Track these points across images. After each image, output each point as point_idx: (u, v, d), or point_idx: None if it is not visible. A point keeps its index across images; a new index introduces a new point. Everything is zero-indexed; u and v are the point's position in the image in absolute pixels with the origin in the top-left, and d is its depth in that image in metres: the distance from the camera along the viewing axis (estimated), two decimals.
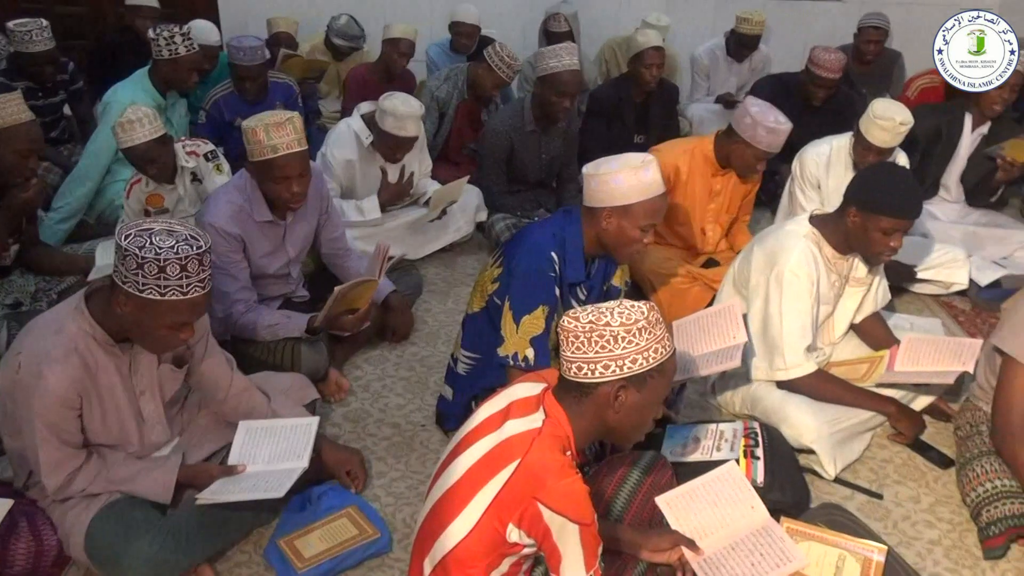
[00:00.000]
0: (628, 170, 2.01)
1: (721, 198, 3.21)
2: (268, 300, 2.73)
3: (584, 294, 2.24)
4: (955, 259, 3.37)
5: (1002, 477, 2.12)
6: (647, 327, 1.43)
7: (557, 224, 2.15)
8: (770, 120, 2.88)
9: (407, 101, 3.27)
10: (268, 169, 2.40)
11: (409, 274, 3.28)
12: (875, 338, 2.61)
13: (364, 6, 5.30)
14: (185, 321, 1.75)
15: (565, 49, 3.46)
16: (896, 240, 2.25)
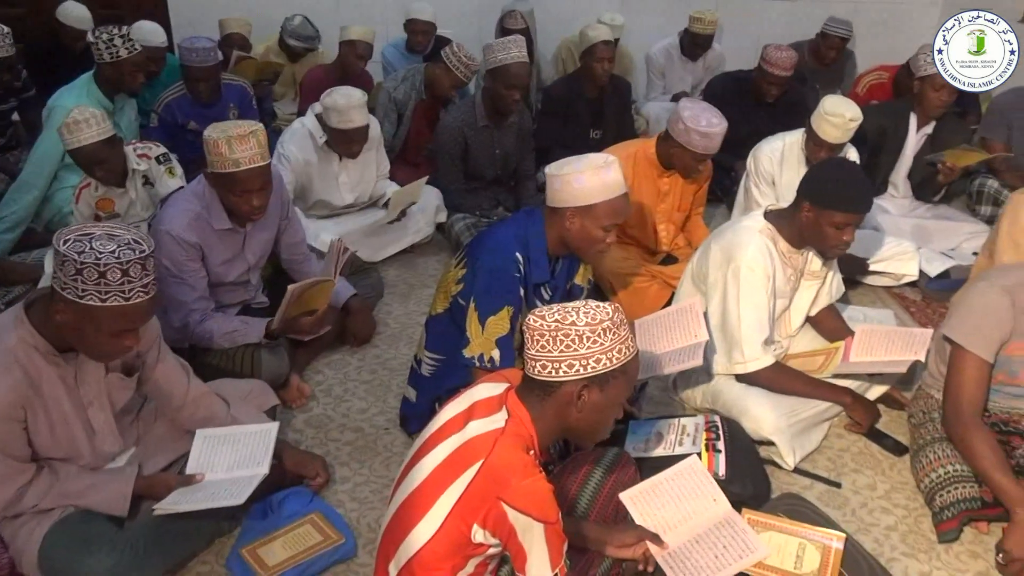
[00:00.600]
0: (591, 170, 2.02)
1: (671, 198, 3.25)
2: (226, 307, 2.68)
3: (548, 294, 2.25)
4: (905, 251, 3.46)
5: (954, 462, 2.17)
6: (612, 327, 1.44)
7: (520, 224, 2.16)
8: (702, 124, 2.89)
9: (348, 93, 3.24)
10: (229, 182, 2.35)
11: (369, 276, 3.25)
12: (830, 330, 2.66)
13: (318, 7, 5.25)
14: (128, 328, 1.70)
15: (513, 41, 3.47)
16: (848, 234, 2.30)
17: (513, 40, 3.48)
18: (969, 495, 2.12)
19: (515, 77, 3.46)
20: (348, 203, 3.64)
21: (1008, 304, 2.11)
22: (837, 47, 4.99)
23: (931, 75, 3.51)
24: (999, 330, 2.12)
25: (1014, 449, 2.25)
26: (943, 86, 3.49)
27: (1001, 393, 2.30)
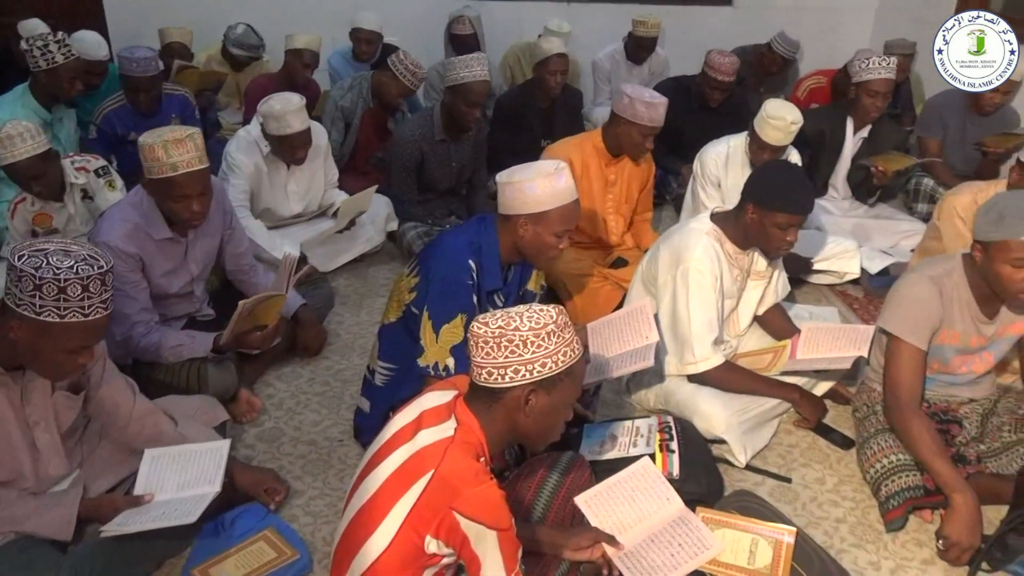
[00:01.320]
0: (542, 178, 2.04)
1: (617, 188, 3.31)
2: (171, 320, 2.63)
3: (502, 300, 2.25)
4: (847, 250, 3.55)
5: (897, 452, 2.25)
6: (556, 331, 1.44)
7: (472, 232, 2.16)
8: (646, 96, 3.07)
9: (284, 99, 3.21)
10: (167, 188, 2.30)
11: (319, 287, 3.22)
12: (777, 328, 2.72)
13: (261, 15, 5.16)
14: (85, 344, 1.67)
15: (475, 59, 3.48)
16: (792, 234, 2.35)
17: (475, 58, 3.48)
18: (912, 483, 2.18)
19: (476, 95, 3.47)
20: (296, 213, 3.60)
21: (936, 293, 2.20)
22: (782, 65, 5.15)
23: (866, 81, 3.62)
24: (929, 319, 2.21)
25: (953, 437, 2.34)
26: (877, 92, 3.62)
27: (937, 382, 2.39)
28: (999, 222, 2.04)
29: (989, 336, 2.28)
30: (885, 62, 3.61)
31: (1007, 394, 2.44)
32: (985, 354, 2.34)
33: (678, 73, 4.81)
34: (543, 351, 1.43)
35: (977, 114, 4.07)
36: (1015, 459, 2.24)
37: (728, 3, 5.85)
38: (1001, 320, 2.26)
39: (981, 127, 4.07)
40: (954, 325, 2.24)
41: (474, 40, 4.79)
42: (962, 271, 2.22)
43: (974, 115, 4.09)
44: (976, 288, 2.20)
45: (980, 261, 2.12)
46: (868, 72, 3.61)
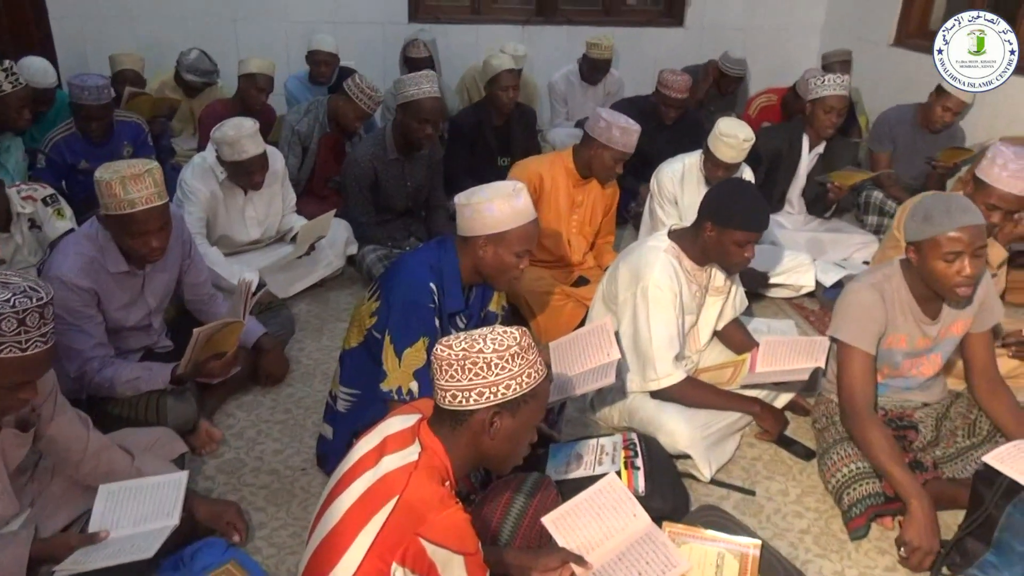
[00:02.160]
0: (501, 198, 2.05)
1: (583, 209, 3.34)
2: (128, 353, 2.57)
3: (463, 322, 2.25)
4: (802, 264, 3.63)
5: (856, 460, 2.29)
6: (519, 352, 1.44)
7: (433, 254, 2.15)
8: (622, 121, 3.11)
9: (237, 124, 3.18)
10: (125, 224, 2.25)
11: (279, 314, 3.18)
12: (736, 343, 2.76)
13: (215, 40, 5.14)
14: (26, 380, 1.62)
15: (425, 76, 3.49)
16: (749, 251, 2.40)
17: (424, 75, 3.49)
18: (872, 491, 2.22)
19: (427, 112, 3.46)
20: (254, 239, 3.56)
21: (878, 298, 2.28)
22: (733, 83, 5.29)
23: (822, 97, 3.72)
24: (874, 323, 2.28)
25: (910, 443, 2.39)
26: (832, 108, 3.72)
27: (891, 388, 2.44)
28: (926, 221, 2.13)
29: (934, 337, 2.35)
30: (839, 79, 3.71)
31: (958, 399, 2.50)
32: (933, 356, 2.41)
33: (632, 93, 4.89)
34: (507, 373, 1.43)
35: (927, 131, 4.21)
36: (969, 463, 2.31)
37: (680, 24, 5.97)
38: (943, 320, 2.34)
39: (930, 142, 4.21)
40: (899, 328, 2.31)
41: (429, 63, 4.81)
42: (901, 275, 2.30)
43: (924, 131, 4.22)
44: (915, 290, 2.28)
45: (916, 262, 2.21)
46: (823, 88, 3.71)
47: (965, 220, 2.08)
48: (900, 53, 5.13)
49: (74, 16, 5.23)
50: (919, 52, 4.95)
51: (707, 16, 5.90)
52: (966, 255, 2.10)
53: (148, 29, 5.29)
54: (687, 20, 5.92)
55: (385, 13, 5.53)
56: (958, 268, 2.11)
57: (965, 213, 2.10)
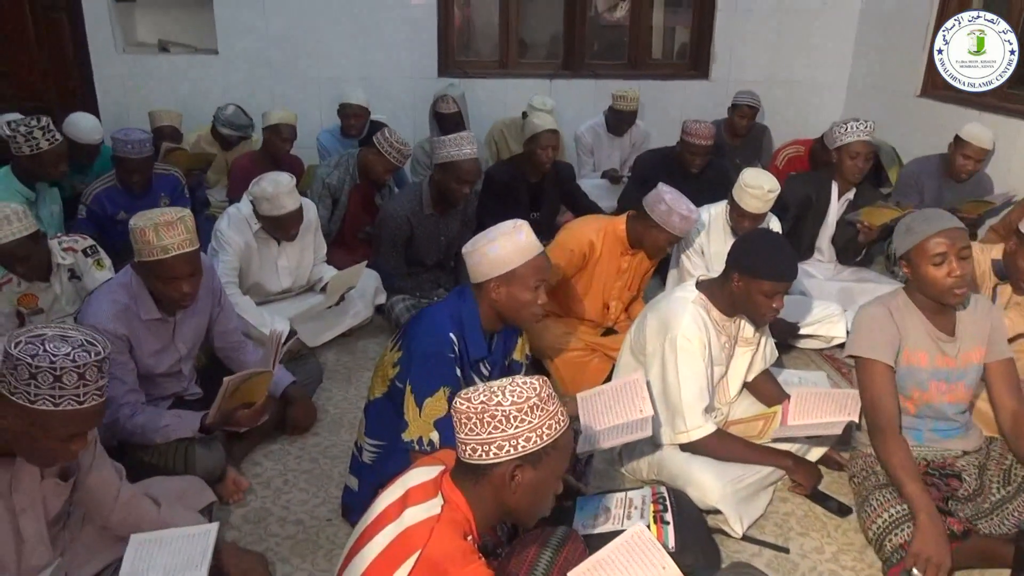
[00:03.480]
0: (503, 237, 2.08)
1: (627, 276, 3.32)
2: (158, 400, 2.60)
3: (487, 370, 2.25)
4: (832, 314, 3.59)
5: (897, 504, 2.23)
6: (539, 404, 1.43)
7: (453, 305, 2.17)
8: (683, 208, 3.06)
9: (275, 180, 3.24)
10: (158, 270, 2.31)
11: (308, 362, 3.20)
12: (767, 395, 2.72)
13: (250, 95, 5.31)
14: (79, 432, 1.64)
15: (464, 139, 3.54)
16: (778, 301, 2.38)
17: (464, 137, 3.55)
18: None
19: (466, 173, 3.53)
20: (285, 288, 3.60)
21: (885, 312, 2.35)
22: (748, 115, 5.27)
23: (847, 144, 3.73)
24: (886, 333, 2.32)
25: (955, 491, 2.33)
26: (859, 153, 3.72)
27: (928, 437, 2.39)
28: (909, 232, 2.27)
29: (954, 356, 2.34)
30: (863, 125, 3.72)
31: (993, 443, 2.46)
32: (960, 383, 2.38)
33: (658, 145, 4.92)
34: (527, 425, 1.42)
35: (953, 181, 4.18)
36: (1006, 517, 2.25)
37: (704, 77, 6.04)
38: (961, 342, 2.35)
39: (956, 192, 4.18)
40: (915, 343, 2.34)
41: (458, 118, 4.89)
42: (904, 295, 2.39)
43: (950, 181, 4.20)
44: (921, 304, 2.35)
45: (910, 275, 2.30)
46: (847, 135, 3.73)
47: (944, 224, 2.23)
48: (927, 104, 5.13)
49: (116, 75, 5.45)
50: (947, 103, 4.94)
51: (732, 70, 5.97)
52: (951, 256, 2.21)
53: (187, 86, 5.49)
54: (712, 74, 5.99)
55: (415, 68, 5.67)
56: (948, 270, 2.22)
57: (942, 219, 2.25)
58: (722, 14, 5.85)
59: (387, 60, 5.61)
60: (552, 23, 6.16)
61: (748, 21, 5.87)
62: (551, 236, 3.46)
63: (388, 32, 5.55)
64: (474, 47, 6.27)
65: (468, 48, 6.23)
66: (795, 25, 5.90)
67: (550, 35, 6.29)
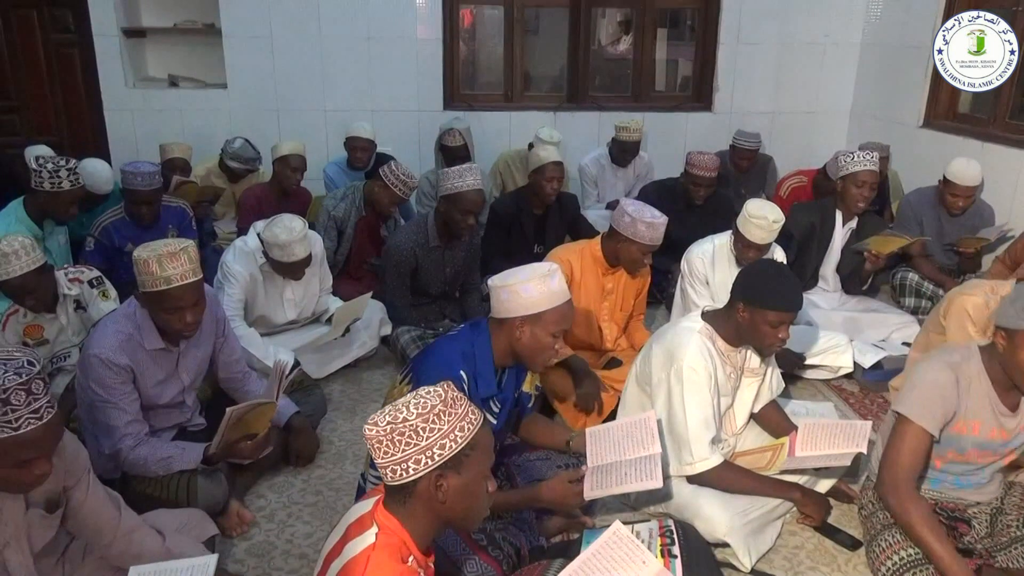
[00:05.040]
0: (536, 279, 2.08)
1: (614, 296, 3.33)
2: (161, 431, 2.59)
3: (497, 407, 2.24)
4: (839, 344, 3.57)
5: (907, 547, 2.18)
6: (445, 409, 1.43)
7: (465, 340, 2.16)
8: (647, 216, 3.07)
9: (288, 227, 3.21)
10: (161, 300, 2.32)
11: (312, 394, 3.19)
12: (774, 426, 2.70)
13: (258, 129, 5.35)
14: (32, 457, 1.57)
15: (469, 171, 3.58)
16: (783, 331, 2.36)
17: (468, 169, 3.58)
18: None
19: (471, 204, 3.55)
20: (291, 320, 3.60)
21: (952, 380, 2.17)
22: (747, 157, 5.34)
23: (853, 173, 3.74)
24: (944, 405, 2.17)
25: (961, 535, 2.28)
26: (864, 182, 3.73)
27: (944, 484, 2.33)
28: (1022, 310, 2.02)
29: (1011, 429, 2.23)
30: (869, 155, 3.73)
31: (1012, 489, 2.39)
32: (1006, 450, 2.28)
33: (662, 176, 4.95)
34: (437, 433, 1.41)
35: (949, 213, 4.18)
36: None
37: (708, 109, 6.09)
38: (1022, 416, 2.22)
39: (955, 224, 4.18)
40: (972, 415, 2.20)
41: (464, 151, 4.93)
42: (980, 360, 2.19)
43: (947, 213, 4.19)
44: (995, 377, 2.17)
45: (1003, 349, 2.10)
46: (854, 164, 3.73)
47: None
48: (929, 135, 5.16)
49: (127, 109, 5.53)
50: (949, 133, 4.97)
51: (735, 101, 6.02)
52: None
53: (196, 119, 5.55)
54: (715, 105, 6.04)
55: (421, 101, 5.73)
56: None
57: None
58: (724, 47, 5.91)
59: (393, 93, 5.68)
60: (556, 56, 6.24)
61: (750, 53, 5.93)
62: None
63: (394, 66, 5.63)
64: (479, 80, 6.34)
65: (474, 81, 6.30)
66: (797, 57, 5.96)
67: (555, 68, 6.36)
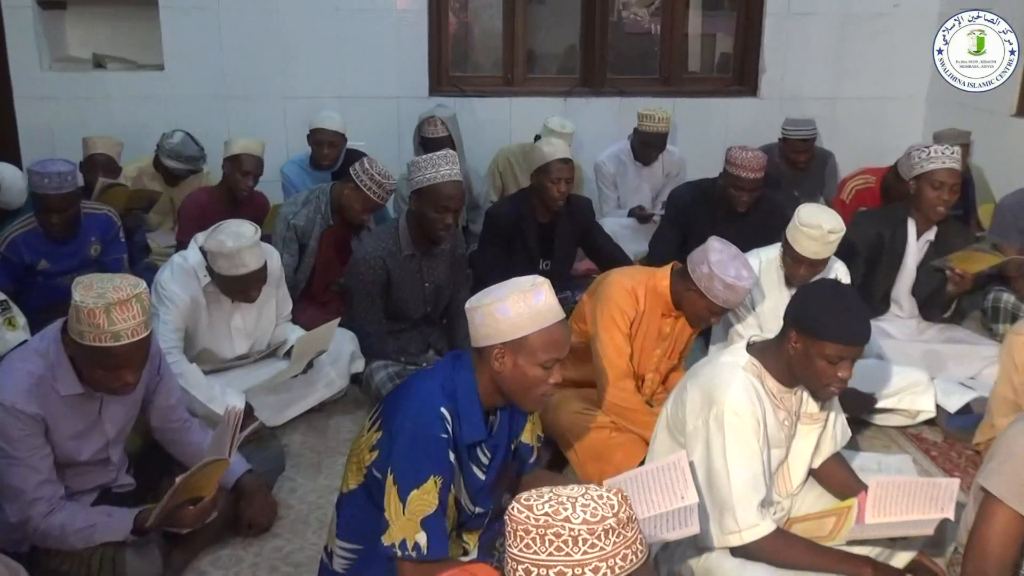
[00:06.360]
0: (516, 295, 2.05)
1: (667, 343, 3.30)
2: (80, 493, 2.59)
3: (487, 456, 2.23)
4: (917, 383, 3.56)
5: None
6: (616, 527, 1.38)
7: (445, 372, 2.16)
8: (730, 274, 2.95)
9: (236, 233, 3.22)
10: (102, 358, 2.30)
11: (268, 446, 3.19)
12: (839, 484, 2.68)
13: (202, 119, 5.36)
14: None
15: (443, 158, 3.58)
16: (845, 369, 2.35)
17: (442, 156, 3.59)
18: None
19: (446, 199, 3.54)
20: (241, 354, 3.61)
21: None
22: (802, 150, 5.33)
23: (928, 172, 3.73)
24: None
25: None
26: (943, 183, 3.71)
27: None
28: None
29: None
30: (948, 150, 3.74)
31: None
32: None
33: (696, 176, 4.96)
34: (598, 552, 1.37)
35: None
36: None
37: (752, 94, 6.12)
38: None
39: None
40: None
41: (448, 143, 4.91)
42: None
43: None
44: None
45: None
46: (930, 162, 3.73)
47: None
48: None
49: (41, 95, 5.54)
50: None
51: (786, 85, 6.06)
52: None
53: (126, 109, 5.57)
54: (762, 89, 6.09)
55: (401, 86, 5.77)
56: None
57: None
58: (772, 19, 5.96)
59: (367, 76, 5.72)
60: (567, 30, 6.31)
61: (804, 26, 5.98)
62: (566, 288, 3.45)
63: (368, 43, 5.67)
64: (473, 60, 6.41)
65: (466, 61, 6.37)
66: (862, 29, 6.00)
67: (565, 45, 6.42)
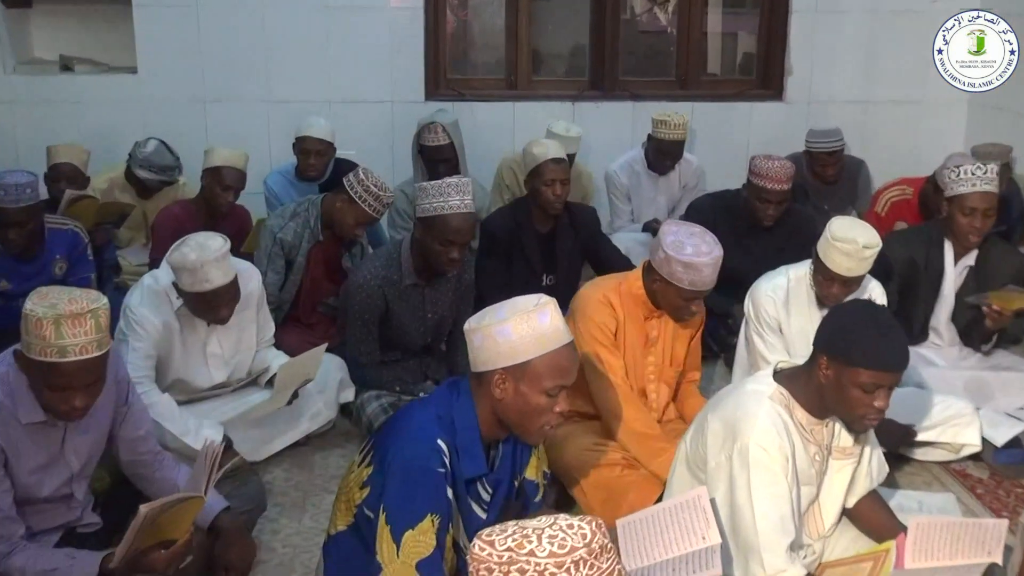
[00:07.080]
0: (518, 317, 2.07)
1: (659, 347, 3.31)
2: (41, 533, 2.58)
3: (488, 492, 2.24)
4: (961, 414, 3.55)
5: None
6: (587, 558, 1.38)
7: (442, 402, 2.17)
8: (687, 252, 2.98)
9: (201, 244, 3.20)
10: (47, 374, 2.30)
11: (247, 482, 3.17)
12: (875, 525, 2.68)
13: (178, 126, 5.38)
14: None
15: (454, 186, 3.52)
16: (881, 399, 2.34)
17: (454, 185, 3.53)
18: None
19: (453, 232, 3.49)
20: (218, 382, 3.61)
21: None
22: (830, 163, 5.34)
23: (958, 196, 3.71)
24: None
25: None
26: (975, 209, 3.67)
27: None
28: None
29: None
30: (981, 171, 3.70)
31: None
32: None
33: (717, 187, 4.97)
34: None
35: None
36: None
37: (778, 98, 6.14)
38: None
39: None
40: None
41: (450, 152, 4.91)
42: None
43: None
44: None
45: None
46: (959, 184, 3.71)
47: None
48: None
49: (4, 100, 5.57)
50: None
51: (814, 87, 6.08)
52: None
53: (96, 114, 5.59)
54: (787, 92, 6.10)
55: (395, 89, 5.78)
56: None
57: None
58: (798, 15, 5.99)
59: (359, 79, 5.74)
60: (575, 28, 6.33)
61: (833, 23, 6.00)
62: None
63: (360, 42, 5.69)
64: (474, 61, 6.43)
65: (465, 62, 6.39)
66: (896, 27, 6.02)
67: (573, 44, 6.45)
